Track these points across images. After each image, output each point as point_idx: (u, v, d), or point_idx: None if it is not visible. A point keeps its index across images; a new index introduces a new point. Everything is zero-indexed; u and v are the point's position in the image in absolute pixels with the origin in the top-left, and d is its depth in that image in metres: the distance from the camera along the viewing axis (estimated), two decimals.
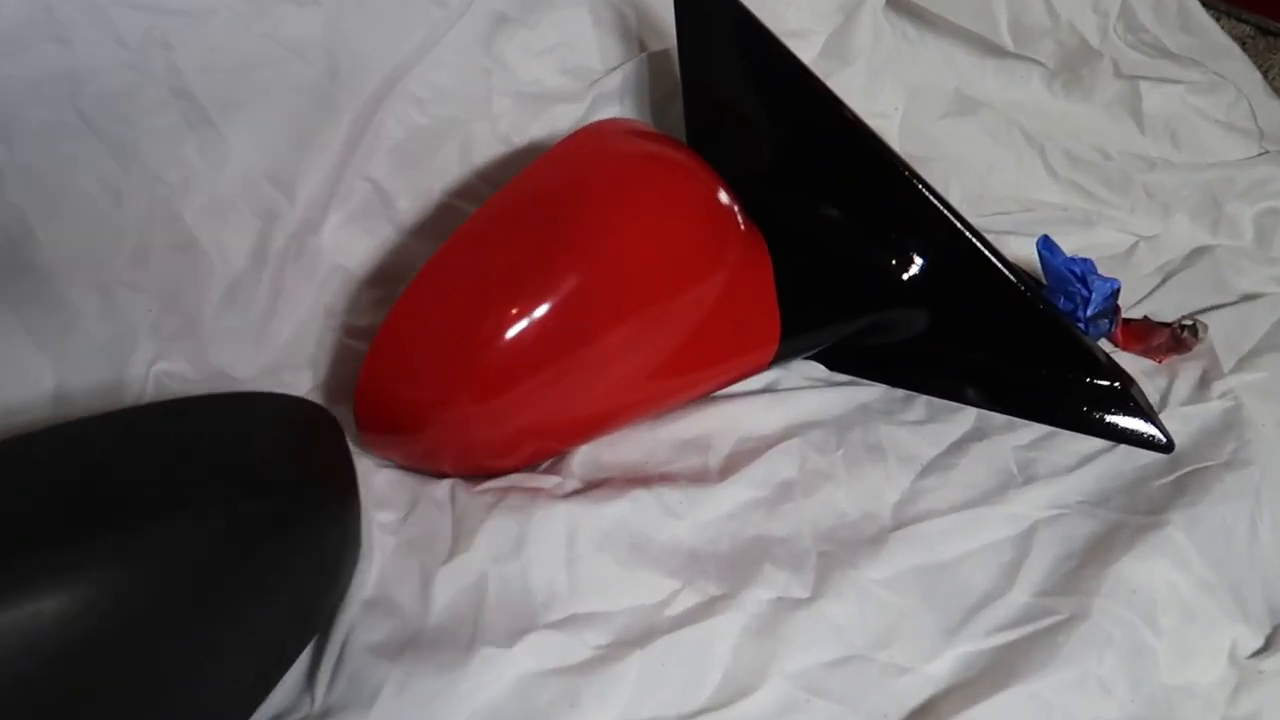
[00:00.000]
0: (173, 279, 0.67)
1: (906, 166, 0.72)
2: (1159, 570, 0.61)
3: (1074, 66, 0.95)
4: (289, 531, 0.51)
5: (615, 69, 0.86)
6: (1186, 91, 0.93)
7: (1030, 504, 0.67)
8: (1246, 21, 1.14)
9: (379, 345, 0.63)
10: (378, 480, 0.66)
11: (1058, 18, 0.93)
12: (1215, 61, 0.98)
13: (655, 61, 0.87)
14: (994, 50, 0.96)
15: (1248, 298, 0.86)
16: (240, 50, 0.69)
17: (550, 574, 0.61)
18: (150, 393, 0.65)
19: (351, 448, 0.65)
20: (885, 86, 0.91)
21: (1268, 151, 0.94)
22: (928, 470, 0.70)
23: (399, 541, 0.63)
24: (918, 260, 0.74)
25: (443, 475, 0.67)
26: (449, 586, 0.59)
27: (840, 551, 0.63)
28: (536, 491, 0.65)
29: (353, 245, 0.75)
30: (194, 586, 0.46)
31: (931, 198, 0.72)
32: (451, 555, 0.61)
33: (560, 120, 0.83)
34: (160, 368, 0.66)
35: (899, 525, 0.65)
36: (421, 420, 0.64)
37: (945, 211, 0.72)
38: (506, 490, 0.65)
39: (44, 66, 0.64)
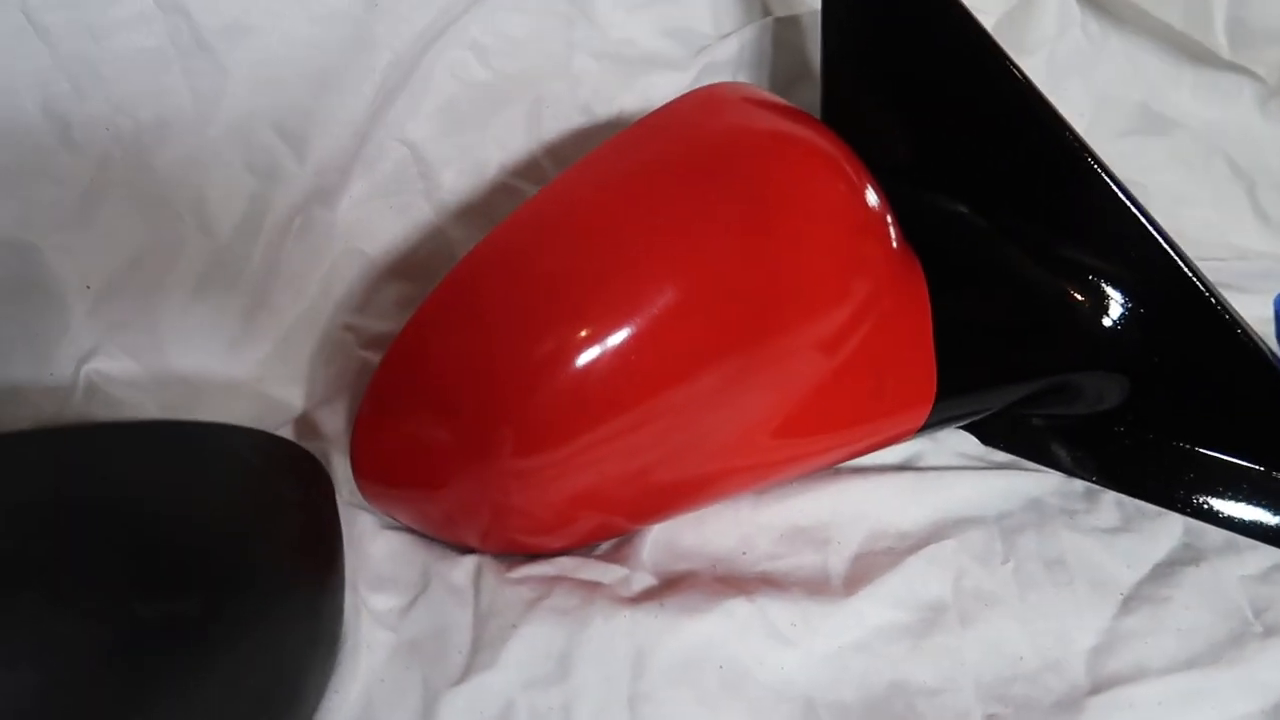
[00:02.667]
0: (127, 247, 0.50)
1: (1118, 181, 0.54)
2: None
3: None
4: (223, 639, 0.34)
5: (730, 35, 0.68)
6: None
7: (1278, 667, 0.47)
8: None
9: (391, 362, 0.45)
10: (377, 548, 0.48)
11: None
12: None
13: (781, 30, 0.69)
14: (1196, 57, 0.77)
15: None
16: None
17: (605, 713, 0.42)
18: (78, 400, 0.48)
19: (348, 499, 0.47)
20: (1071, 86, 0.72)
21: None
22: (1131, 603, 0.50)
23: (397, 642, 0.44)
24: (1120, 308, 0.55)
25: (466, 549, 0.49)
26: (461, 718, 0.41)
27: (1018, 719, 0.44)
28: (594, 588, 0.47)
29: (377, 225, 0.57)
30: None
31: (1150, 227, 0.53)
32: (468, 671, 0.43)
33: (656, 91, 0.65)
34: (96, 366, 0.48)
35: (1099, 686, 0.46)
36: (442, 473, 0.46)
37: (1168, 248, 0.53)
38: (553, 581, 0.47)
39: None
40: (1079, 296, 0.56)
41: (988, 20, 0.72)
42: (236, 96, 0.53)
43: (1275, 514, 0.54)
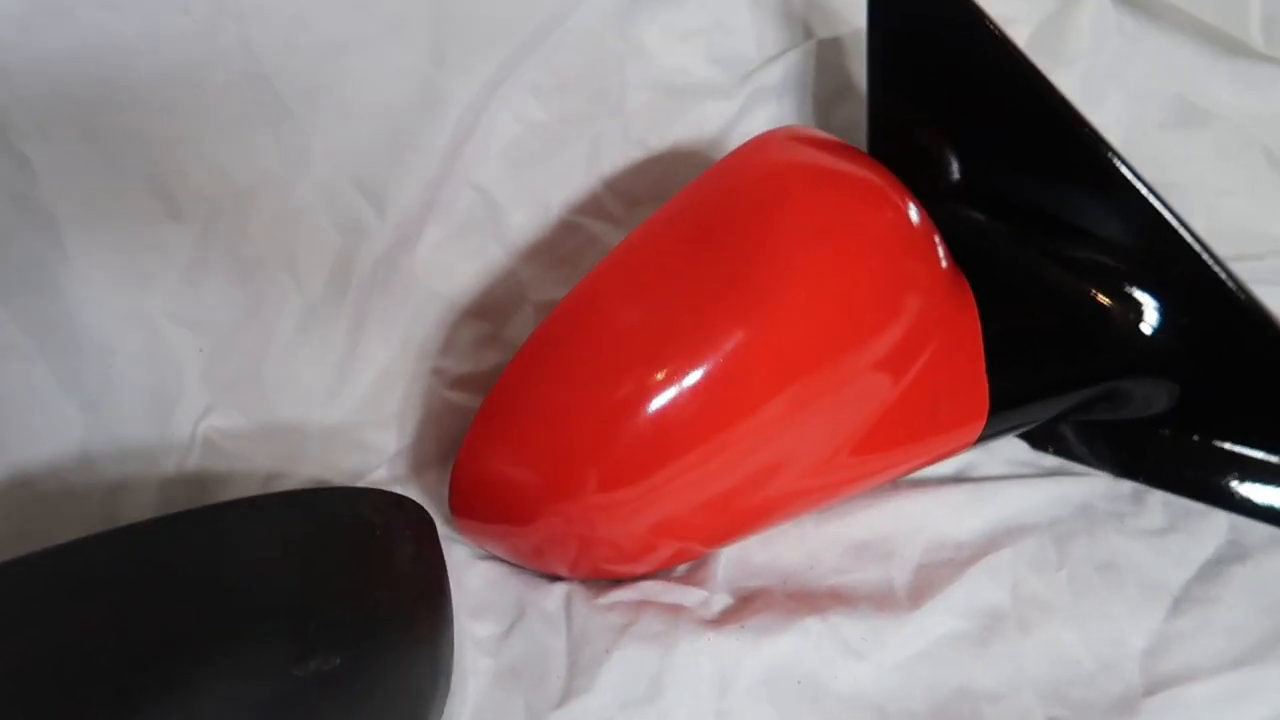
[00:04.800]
0: (231, 310, 0.54)
1: (1154, 191, 0.56)
2: None
3: None
4: (360, 685, 0.38)
5: (775, 59, 0.70)
6: None
7: None
8: None
9: (485, 413, 0.49)
10: (473, 578, 0.53)
11: None
12: None
13: (823, 52, 0.71)
14: (1231, 49, 0.78)
15: None
16: (328, 26, 0.55)
17: None
18: (197, 454, 0.52)
19: (442, 532, 0.51)
20: (1107, 95, 0.74)
21: None
22: (1180, 605, 0.53)
23: (499, 668, 0.49)
24: (1157, 315, 0.58)
25: (555, 577, 0.53)
26: None
27: None
28: (678, 611, 0.51)
29: (453, 268, 0.60)
30: None
31: (1187, 234, 0.55)
32: (567, 695, 0.47)
33: (708, 121, 0.67)
34: (211, 423, 0.53)
35: (1154, 687, 0.49)
36: (532, 510, 0.50)
37: (1204, 254, 0.55)
38: (639, 607, 0.51)
39: (87, 36, 0.50)
40: (1116, 306, 0.58)
41: (1024, 29, 0.74)
42: (319, 159, 0.56)
43: None
